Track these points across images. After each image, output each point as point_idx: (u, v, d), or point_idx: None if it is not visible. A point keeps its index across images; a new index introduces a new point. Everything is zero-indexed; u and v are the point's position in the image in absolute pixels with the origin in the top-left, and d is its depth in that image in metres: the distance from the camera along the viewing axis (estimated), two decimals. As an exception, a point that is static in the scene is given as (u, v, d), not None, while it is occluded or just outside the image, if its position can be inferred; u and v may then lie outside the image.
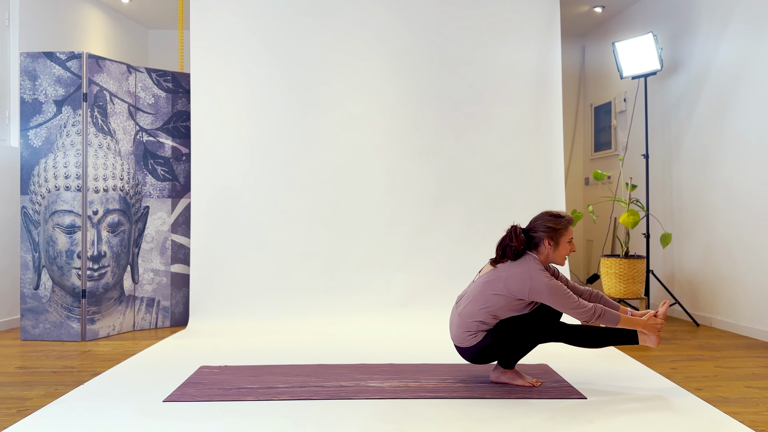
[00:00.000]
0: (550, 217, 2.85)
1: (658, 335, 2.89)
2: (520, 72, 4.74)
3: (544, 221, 2.84)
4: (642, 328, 2.85)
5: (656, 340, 2.88)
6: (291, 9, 4.65)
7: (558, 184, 4.72)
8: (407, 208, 4.66)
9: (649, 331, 2.86)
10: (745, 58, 4.23)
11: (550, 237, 2.82)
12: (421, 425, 2.36)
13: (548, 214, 2.87)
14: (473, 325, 2.80)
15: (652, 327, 2.86)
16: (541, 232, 2.83)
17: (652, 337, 2.88)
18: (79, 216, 4.09)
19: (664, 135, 5.12)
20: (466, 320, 2.81)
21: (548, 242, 2.82)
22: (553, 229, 2.82)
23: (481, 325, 2.79)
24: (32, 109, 4.11)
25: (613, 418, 2.45)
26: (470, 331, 2.81)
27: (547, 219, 2.84)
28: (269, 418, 2.45)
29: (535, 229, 2.85)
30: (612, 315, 2.77)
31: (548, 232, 2.82)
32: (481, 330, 2.79)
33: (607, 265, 4.40)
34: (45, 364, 3.43)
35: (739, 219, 4.26)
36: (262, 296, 4.49)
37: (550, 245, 2.82)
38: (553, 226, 2.82)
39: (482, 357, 2.85)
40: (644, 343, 2.90)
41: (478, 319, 2.79)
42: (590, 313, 2.74)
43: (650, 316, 2.88)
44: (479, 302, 2.79)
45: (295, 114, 4.63)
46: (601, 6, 5.81)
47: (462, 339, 2.84)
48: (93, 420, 2.45)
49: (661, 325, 2.87)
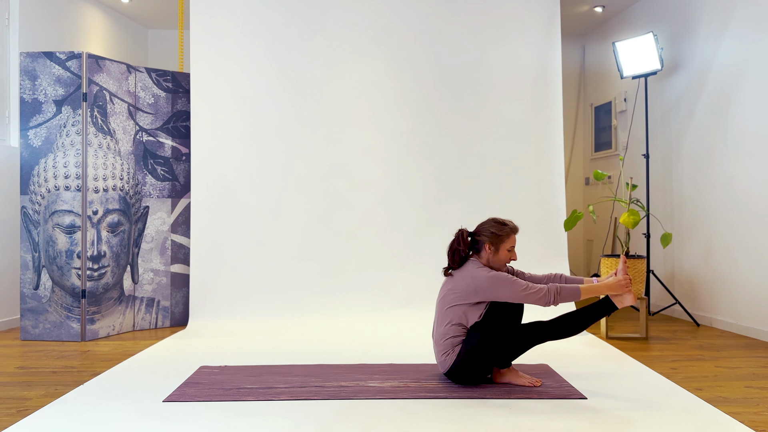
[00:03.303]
0: (495, 223, 2.91)
1: (630, 291, 2.83)
2: (520, 72, 4.74)
3: (489, 226, 2.91)
4: (608, 291, 2.82)
5: (632, 298, 2.83)
6: (291, 9, 4.65)
7: (558, 184, 4.72)
8: (407, 208, 4.66)
9: (617, 291, 2.82)
10: (745, 58, 4.23)
11: (491, 242, 2.87)
12: (421, 425, 2.36)
13: (494, 220, 2.93)
14: (447, 344, 2.83)
15: (617, 286, 2.82)
16: (484, 236, 2.89)
17: (626, 297, 2.83)
18: (78, 216, 4.09)
19: (665, 135, 5.12)
20: (440, 343, 2.86)
21: (489, 247, 2.88)
22: (496, 235, 2.87)
23: (454, 340, 2.82)
24: (32, 109, 4.11)
25: (613, 418, 2.45)
26: (446, 351, 2.84)
27: (492, 225, 2.90)
28: (269, 418, 2.45)
29: (479, 233, 2.91)
30: (571, 289, 2.75)
31: (490, 238, 2.88)
32: (455, 345, 2.82)
33: (608, 265, 4.39)
34: (45, 364, 3.43)
35: (740, 219, 4.26)
36: (262, 296, 4.49)
37: (490, 250, 2.88)
38: (495, 232, 2.88)
39: (465, 373, 2.82)
40: (622, 304, 2.84)
41: (449, 335, 2.82)
42: (544, 294, 2.72)
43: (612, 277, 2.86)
44: (443, 321, 2.85)
45: (295, 114, 4.63)
46: (602, 6, 5.80)
47: (443, 363, 2.87)
48: (93, 420, 2.45)
49: (627, 281, 2.83)
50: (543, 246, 4.45)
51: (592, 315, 2.84)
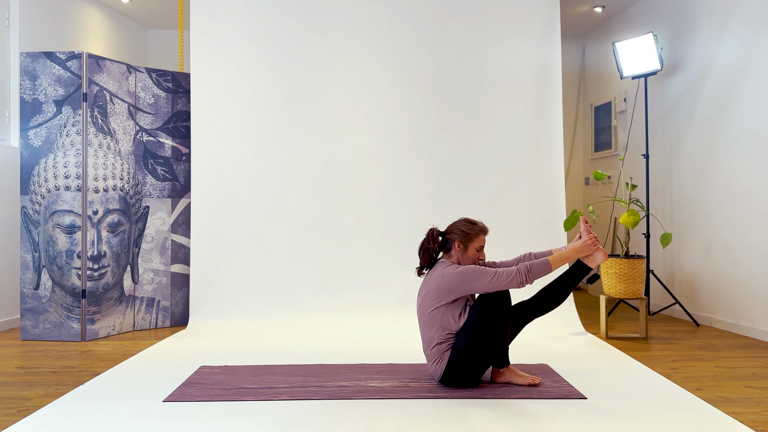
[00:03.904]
0: (466, 222, 2.94)
1: (600, 249, 2.93)
2: (520, 72, 4.74)
3: (459, 225, 2.93)
4: (576, 254, 2.90)
5: (602, 256, 2.94)
6: (290, 9, 4.65)
7: (558, 184, 4.72)
8: (407, 208, 4.66)
9: (585, 252, 2.92)
10: (746, 58, 4.23)
11: (461, 240, 2.90)
12: (421, 425, 2.36)
13: (465, 220, 2.95)
14: (435, 352, 2.83)
15: (584, 247, 2.92)
16: (454, 235, 2.91)
17: (596, 255, 2.94)
18: (79, 216, 4.09)
19: (664, 135, 5.12)
20: (428, 352, 2.87)
21: (458, 245, 2.90)
22: (465, 234, 2.90)
23: (441, 347, 2.81)
24: (32, 109, 4.11)
25: (613, 418, 2.45)
26: (435, 359, 2.84)
27: (462, 224, 2.93)
28: (269, 418, 2.45)
29: (450, 231, 2.94)
30: (540, 264, 2.78)
31: (460, 236, 2.90)
32: (444, 350, 2.81)
33: (607, 265, 4.39)
34: (45, 364, 3.43)
35: (740, 219, 4.26)
36: (262, 296, 4.49)
37: (459, 248, 2.90)
38: (465, 231, 2.90)
39: (458, 376, 2.81)
40: (595, 263, 2.94)
41: (434, 343, 2.82)
42: (514, 275, 2.74)
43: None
44: (427, 328, 2.84)
45: (295, 114, 4.63)
46: (601, 6, 5.80)
47: (435, 371, 2.87)
48: (93, 420, 2.45)
49: (592, 240, 2.92)
50: (543, 246, 4.44)
51: (569, 282, 2.95)
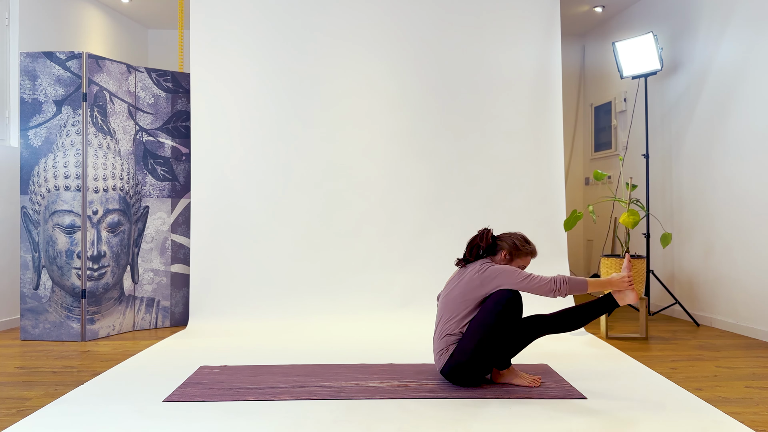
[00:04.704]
0: (522, 238, 2.96)
1: (633, 289, 2.86)
2: (520, 72, 4.74)
3: (514, 238, 2.95)
4: (611, 287, 2.86)
5: (634, 296, 2.86)
6: (291, 9, 4.65)
7: (558, 184, 4.72)
8: (407, 208, 4.66)
9: (620, 287, 2.86)
10: (746, 58, 4.23)
11: (510, 251, 2.92)
12: (421, 425, 2.36)
13: (522, 236, 2.98)
14: (444, 342, 2.83)
15: (620, 282, 2.85)
16: (506, 243, 2.93)
17: (628, 294, 2.86)
18: (78, 216, 4.09)
19: (664, 135, 5.12)
20: (438, 341, 2.86)
21: (506, 254, 2.92)
22: (517, 248, 2.92)
23: (450, 338, 2.81)
24: (32, 109, 4.11)
25: (613, 418, 2.45)
26: (442, 349, 2.84)
27: (518, 238, 2.95)
28: (269, 418, 2.45)
29: (503, 238, 2.96)
30: (578, 281, 2.77)
31: (511, 248, 2.92)
32: (451, 343, 2.81)
33: (607, 265, 4.39)
34: (45, 364, 3.43)
35: (739, 219, 4.26)
36: (262, 296, 4.49)
37: (505, 259, 2.92)
38: (518, 246, 2.93)
39: (461, 372, 2.80)
40: (623, 301, 2.87)
41: (447, 332, 2.82)
42: (550, 282, 2.74)
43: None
44: (445, 317, 2.84)
45: (296, 113, 4.63)
46: (601, 6, 5.80)
47: (439, 361, 2.87)
48: (93, 420, 2.45)
49: (630, 278, 2.86)
50: (543, 246, 4.43)
51: (593, 310, 2.86)
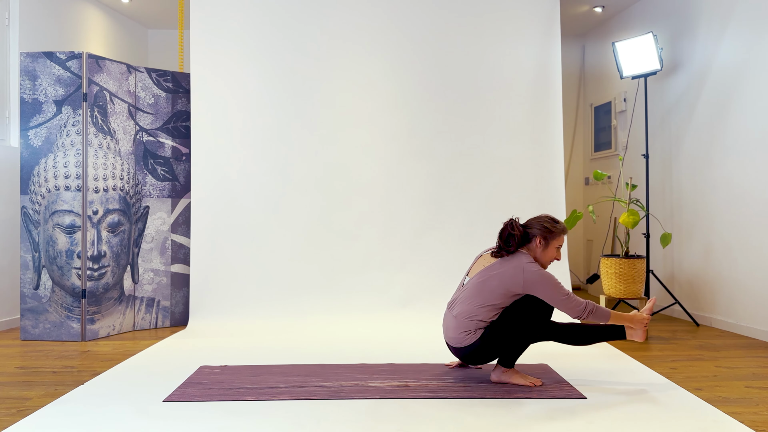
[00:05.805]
0: (549, 219, 2.94)
1: (645, 330, 2.97)
2: (520, 72, 4.74)
3: (542, 221, 2.93)
4: (629, 323, 2.93)
5: (642, 335, 2.96)
6: (291, 9, 4.65)
7: (558, 184, 4.72)
8: (407, 208, 4.66)
9: (636, 325, 2.94)
10: (746, 58, 4.23)
11: (543, 236, 2.90)
12: (421, 425, 2.36)
13: (548, 217, 2.96)
14: (471, 324, 2.83)
15: (639, 321, 2.94)
16: (536, 230, 2.91)
17: (639, 332, 2.95)
18: (79, 216, 4.09)
19: (664, 135, 5.12)
20: (463, 320, 2.85)
21: (540, 240, 2.90)
22: (549, 231, 2.90)
23: (480, 323, 2.82)
24: (32, 109, 4.11)
25: (613, 418, 2.45)
26: (468, 330, 2.83)
27: (546, 220, 2.93)
28: (269, 418, 2.45)
29: (531, 225, 2.93)
30: (603, 310, 2.85)
31: (543, 232, 2.90)
32: (479, 328, 2.82)
33: (607, 265, 4.40)
34: (45, 364, 3.43)
35: (739, 219, 4.26)
36: (262, 296, 4.49)
37: (541, 244, 2.90)
38: (549, 228, 2.90)
39: (478, 355, 2.87)
40: (631, 338, 2.96)
41: (476, 317, 2.82)
42: (582, 307, 2.79)
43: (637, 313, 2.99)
44: (476, 301, 2.83)
45: (295, 113, 4.63)
46: (601, 6, 5.80)
47: (459, 340, 2.86)
48: (93, 420, 2.45)
49: (648, 320, 2.97)
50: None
51: (603, 336, 2.96)
